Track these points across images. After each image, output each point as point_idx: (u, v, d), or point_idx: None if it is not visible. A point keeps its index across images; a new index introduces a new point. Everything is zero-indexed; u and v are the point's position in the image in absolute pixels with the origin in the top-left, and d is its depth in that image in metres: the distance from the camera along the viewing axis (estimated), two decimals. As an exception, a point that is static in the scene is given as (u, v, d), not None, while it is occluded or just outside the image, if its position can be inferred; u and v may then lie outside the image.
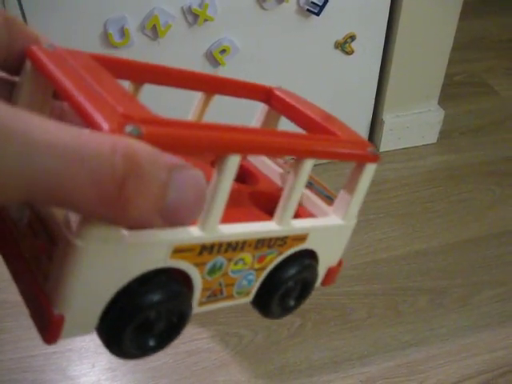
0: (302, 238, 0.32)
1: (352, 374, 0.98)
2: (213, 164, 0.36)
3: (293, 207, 0.30)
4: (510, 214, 1.25)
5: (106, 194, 0.18)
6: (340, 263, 0.37)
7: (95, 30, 1.02)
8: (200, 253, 0.27)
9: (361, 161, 0.33)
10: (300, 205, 0.37)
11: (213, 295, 0.30)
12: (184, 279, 0.28)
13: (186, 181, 0.20)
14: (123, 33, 1.02)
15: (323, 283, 0.36)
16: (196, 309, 0.29)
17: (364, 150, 0.33)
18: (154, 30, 1.03)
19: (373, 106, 1.33)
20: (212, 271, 0.29)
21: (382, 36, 1.22)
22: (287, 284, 0.33)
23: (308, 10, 1.08)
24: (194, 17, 1.03)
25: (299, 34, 1.13)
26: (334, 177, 1.29)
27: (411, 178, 1.33)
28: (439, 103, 1.39)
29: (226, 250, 0.29)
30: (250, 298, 0.33)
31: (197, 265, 0.28)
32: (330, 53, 1.18)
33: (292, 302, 0.35)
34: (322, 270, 0.35)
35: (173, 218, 0.20)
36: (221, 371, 0.98)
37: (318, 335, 1.02)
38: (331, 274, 0.36)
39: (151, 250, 0.25)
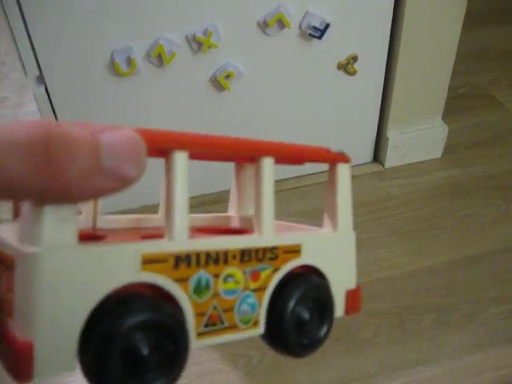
0: (294, 250, 0.30)
1: (359, 394, 0.99)
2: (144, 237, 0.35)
3: (269, 212, 0.29)
4: (513, 230, 1.26)
5: (35, 161, 0.19)
6: (358, 287, 0.35)
7: (102, 60, 1.05)
8: (176, 265, 0.25)
9: (329, 160, 0.33)
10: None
11: (211, 323, 0.27)
12: (170, 301, 0.26)
13: (116, 137, 0.21)
14: (130, 62, 1.05)
15: (347, 311, 0.33)
16: (194, 342, 0.27)
17: (328, 151, 0.33)
18: (159, 59, 1.06)
19: (377, 124, 1.35)
20: (198, 290, 0.26)
21: (384, 55, 1.24)
22: (296, 307, 0.30)
23: (310, 34, 1.10)
24: (198, 44, 1.06)
25: (302, 57, 1.15)
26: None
27: (416, 194, 1.34)
28: (443, 118, 1.40)
29: (206, 263, 0.27)
30: (261, 328, 0.30)
31: (177, 281, 0.26)
32: (334, 74, 1.20)
33: (315, 331, 0.32)
34: (338, 294, 0.33)
35: (116, 172, 0.21)
36: (230, 393, 1.00)
37: (325, 355, 1.04)
38: (352, 298, 0.34)
39: (116, 259, 0.23)
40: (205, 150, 0.27)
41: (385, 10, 1.16)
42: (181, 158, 0.25)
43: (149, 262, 0.24)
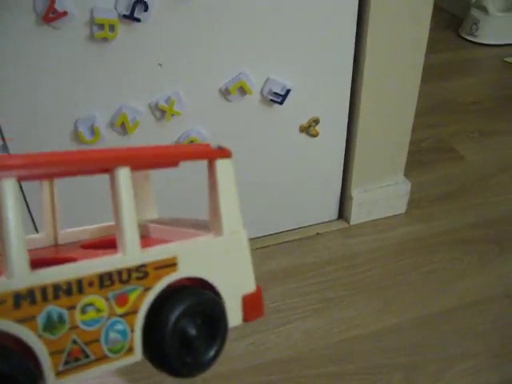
0: (169, 263, 0.28)
1: None
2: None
3: (130, 227, 0.26)
4: (477, 284, 1.28)
5: None
6: (258, 289, 0.32)
7: (66, 128, 1.06)
8: (16, 304, 0.23)
9: (206, 157, 0.30)
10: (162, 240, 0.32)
11: (73, 359, 0.25)
12: (21, 348, 0.23)
13: None
14: (93, 131, 1.06)
15: (246, 318, 0.31)
16: (55, 382, 0.24)
17: (205, 146, 0.30)
18: (123, 127, 1.07)
19: (341, 183, 1.37)
20: (50, 326, 0.24)
21: (345, 115, 1.27)
22: (178, 326, 0.27)
23: (271, 100, 1.13)
24: (161, 112, 1.07)
25: (264, 121, 1.17)
26: (309, 252, 1.32)
27: (382, 251, 1.36)
28: (406, 173, 1.43)
29: (56, 296, 0.24)
30: (138, 355, 0.27)
31: (21, 321, 0.23)
32: (296, 137, 1.23)
33: (204, 353, 0.29)
34: (233, 301, 0.30)
35: None
36: None
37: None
38: (250, 303, 0.31)
39: None
40: (35, 172, 0.24)
41: (345, 71, 1.19)
42: (8, 185, 0.23)
43: None
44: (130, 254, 0.26)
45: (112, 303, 0.26)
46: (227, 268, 0.30)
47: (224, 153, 0.30)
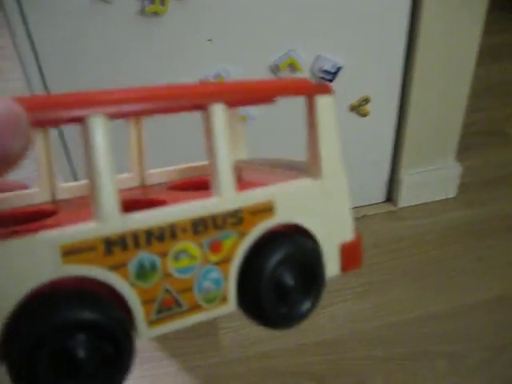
0: (265, 208, 0.26)
1: None
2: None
3: (225, 168, 0.25)
4: (529, 273, 1.24)
5: None
6: (357, 237, 0.30)
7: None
8: (108, 251, 0.22)
9: (305, 92, 0.28)
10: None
11: (165, 309, 0.24)
12: (113, 296, 0.22)
13: None
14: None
15: (344, 267, 0.29)
16: (147, 331, 0.23)
17: (304, 80, 0.28)
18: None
19: (390, 165, 1.34)
20: (142, 274, 0.23)
21: (396, 95, 1.24)
22: (274, 275, 0.26)
23: (321, 77, 1.10)
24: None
25: (313, 100, 1.15)
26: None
27: (429, 235, 1.33)
28: (457, 156, 1.39)
29: (148, 242, 0.23)
30: (232, 305, 0.26)
31: (112, 268, 0.22)
32: (345, 115, 1.20)
33: (300, 304, 0.27)
34: (331, 250, 0.28)
35: None
36: None
37: (335, 402, 1.02)
38: (349, 252, 0.29)
39: (29, 255, 0.20)
40: (124, 109, 0.22)
41: (396, 50, 1.16)
42: (97, 123, 0.21)
43: (71, 252, 0.21)
44: (226, 197, 0.25)
45: (206, 250, 0.24)
46: (326, 214, 0.28)
47: (325, 89, 0.28)
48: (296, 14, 1.04)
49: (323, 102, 0.28)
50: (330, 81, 1.11)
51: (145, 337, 0.23)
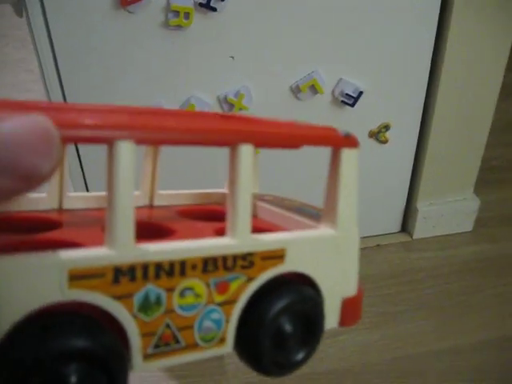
0: (276, 255, 0.25)
1: None
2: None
3: (244, 211, 0.24)
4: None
5: None
6: (359, 293, 0.29)
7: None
8: (116, 280, 0.21)
9: (332, 144, 0.28)
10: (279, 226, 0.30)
11: (163, 344, 0.23)
12: (113, 325, 0.22)
13: (17, 124, 0.16)
14: (159, 120, 1.04)
15: (342, 322, 0.29)
16: (141, 364, 0.23)
17: (332, 131, 0.28)
18: (189, 118, 1.05)
19: (407, 194, 1.32)
20: (146, 307, 0.22)
21: (416, 124, 1.22)
22: (275, 322, 0.26)
23: (342, 101, 1.09)
24: (229, 106, 1.05)
25: (333, 123, 1.11)
26: (368, 264, 1.27)
27: (445, 269, 1.30)
28: (475, 190, 1.37)
29: (157, 275, 0.22)
30: (228, 346, 0.25)
31: (117, 298, 0.21)
32: (364, 142, 1.18)
33: (295, 353, 0.27)
34: (332, 303, 0.28)
35: (15, 167, 0.16)
36: None
37: None
38: (349, 307, 0.29)
39: (35, 275, 0.19)
40: (156, 137, 0.22)
41: (419, 79, 1.15)
42: (125, 148, 0.21)
43: (79, 277, 0.20)
44: (240, 240, 0.24)
45: (212, 290, 0.24)
46: (334, 267, 0.28)
47: (352, 142, 0.28)
48: (320, 36, 1.03)
49: (349, 155, 0.27)
50: (352, 105, 1.10)
51: (138, 370, 0.23)
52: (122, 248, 0.21)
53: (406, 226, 1.37)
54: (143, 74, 1.00)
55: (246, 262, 0.25)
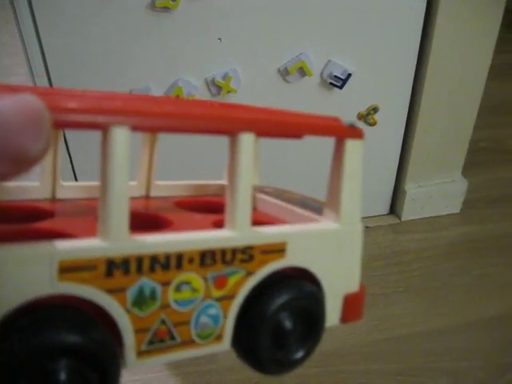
0: (277, 249, 0.25)
1: None
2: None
3: (244, 202, 0.23)
4: (533, 292, 1.22)
5: None
6: (362, 289, 0.29)
7: (119, 99, 1.03)
8: (109, 272, 0.20)
9: (336, 134, 0.27)
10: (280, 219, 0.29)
11: (158, 340, 0.22)
12: (105, 320, 0.21)
13: (6, 103, 0.16)
14: (147, 103, 1.03)
15: (343, 318, 0.28)
16: (135, 361, 0.22)
17: (335, 121, 0.27)
18: (177, 101, 1.04)
19: (395, 176, 1.32)
20: (140, 301, 0.21)
21: (405, 107, 1.22)
22: (275, 319, 0.25)
23: (331, 83, 1.09)
24: (217, 88, 1.04)
25: (322, 105, 1.13)
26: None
27: (433, 250, 1.30)
28: (463, 171, 1.37)
29: (152, 269, 0.21)
30: (226, 343, 0.24)
31: (110, 291, 0.21)
32: (353, 124, 1.18)
33: (295, 351, 0.26)
34: (334, 300, 0.27)
35: (2, 150, 0.15)
36: None
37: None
38: (351, 304, 0.28)
39: (24, 266, 0.18)
40: (153, 123, 0.21)
41: (408, 60, 1.15)
42: (120, 134, 0.20)
43: (70, 269, 0.19)
44: (239, 232, 0.23)
45: (210, 284, 0.23)
46: (336, 262, 0.27)
47: (357, 133, 0.27)
48: (308, 18, 1.02)
49: (353, 146, 0.27)
50: (340, 87, 1.09)
51: (131, 366, 0.22)
52: (116, 239, 0.20)
53: (394, 208, 1.38)
54: (130, 57, 0.99)
55: (245, 255, 0.24)
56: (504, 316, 1.17)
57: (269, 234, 0.24)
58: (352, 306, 0.28)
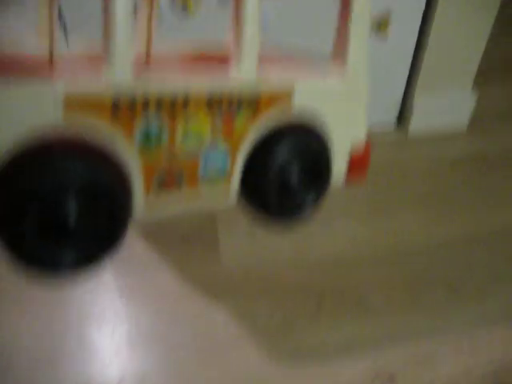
0: (283, 93, 0.24)
1: (365, 360, 0.98)
2: None
3: (251, 40, 0.22)
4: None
5: None
6: (367, 148, 0.29)
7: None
8: (115, 109, 0.20)
9: None
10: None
11: (165, 185, 0.22)
12: (114, 161, 0.20)
13: None
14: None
15: (349, 177, 0.28)
16: (144, 209, 0.22)
17: None
18: (184, 7, 1.02)
19: (404, 88, 1.30)
20: (148, 140, 0.21)
21: (419, 15, 1.18)
22: (282, 160, 0.25)
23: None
24: (225, -7, 1.02)
25: (334, 9, 1.10)
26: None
27: (438, 163, 1.30)
28: (473, 86, 1.35)
29: (158, 105, 0.21)
30: (233, 194, 0.25)
31: (116, 126, 0.20)
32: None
33: (305, 194, 0.26)
34: (341, 147, 0.27)
35: None
36: (235, 349, 0.99)
37: (334, 319, 1.03)
38: (356, 164, 0.28)
39: (30, 98, 0.18)
40: None
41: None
42: None
43: (76, 103, 0.19)
44: (246, 72, 0.23)
45: (217, 125, 0.22)
46: (342, 109, 0.27)
47: None
48: None
49: None
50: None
51: (141, 215, 0.21)
52: (122, 73, 0.20)
53: (402, 120, 1.37)
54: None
55: (251, 96, 0.23)
56: (506, 230, 1.18)
57: (276, 77, 0.24)
58: (356, 166, 0.28)
